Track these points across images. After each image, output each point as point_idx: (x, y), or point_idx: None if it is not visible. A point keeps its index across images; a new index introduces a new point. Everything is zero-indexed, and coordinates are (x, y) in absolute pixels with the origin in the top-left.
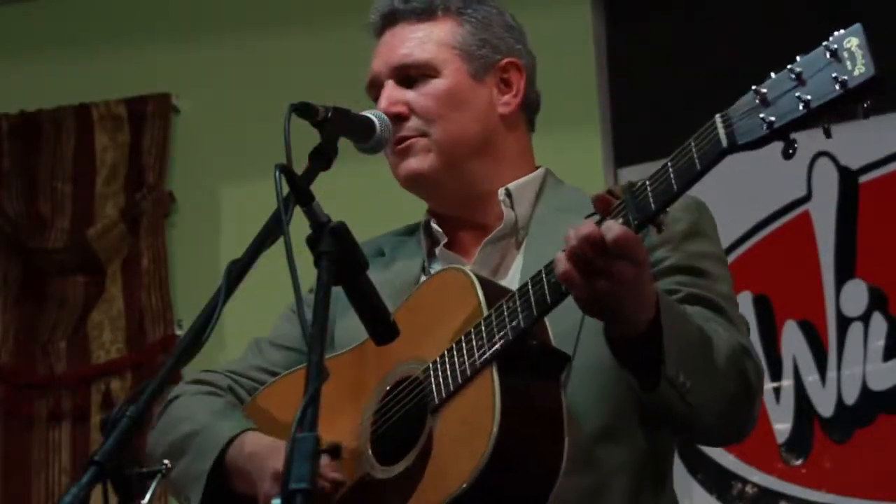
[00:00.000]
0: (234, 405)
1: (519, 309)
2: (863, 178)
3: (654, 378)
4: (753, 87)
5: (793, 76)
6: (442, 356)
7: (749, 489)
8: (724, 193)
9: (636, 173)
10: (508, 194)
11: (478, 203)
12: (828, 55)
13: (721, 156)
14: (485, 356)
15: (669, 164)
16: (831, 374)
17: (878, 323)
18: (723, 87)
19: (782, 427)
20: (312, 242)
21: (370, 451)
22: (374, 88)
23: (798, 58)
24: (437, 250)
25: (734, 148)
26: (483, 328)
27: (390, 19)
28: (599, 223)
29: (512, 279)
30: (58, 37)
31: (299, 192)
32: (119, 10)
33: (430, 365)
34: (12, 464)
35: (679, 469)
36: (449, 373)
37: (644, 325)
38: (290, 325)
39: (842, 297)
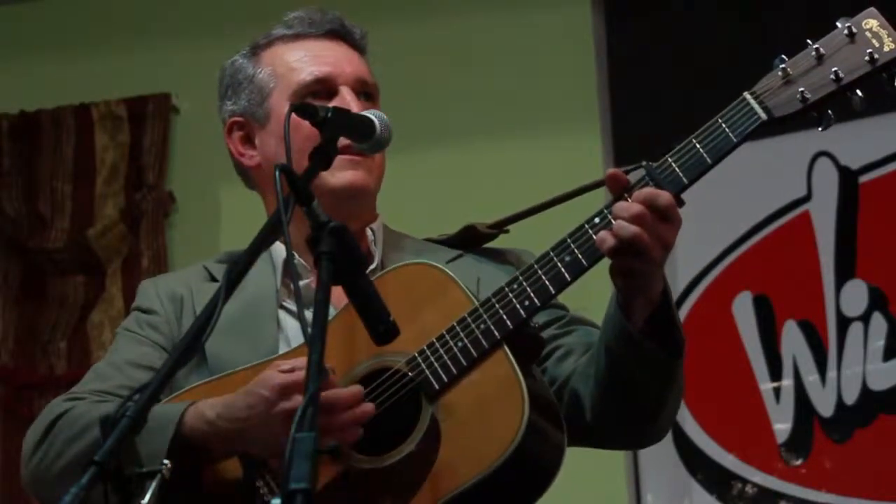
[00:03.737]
0: None
1: (529, 290)
2: (863, 178)
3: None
4: (782, 66)
5: (813, 54)
6: (431, 344)
7: (749, 489)
8: (724, 193)
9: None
10: (373, 233)
11: (358, 238)
12: (845, 35)
13: (757, 128)
14: (494, 338)
15: (695, 140)
16: (831, 374)
17: (878, 323)
18: (723, 87)
19: (782, 427)
20: (312, 242)
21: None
22: (325, 84)
23: (809, 41)
24: (303, 285)
25: (772, 121)
26: (483, 312)
27: (338, 32)
28: (616, 200)
29: None
30: (58, 37)
31: (299, 192)
32: (119, 10)
33: (417, 354)
34: (12, 464)
35: (679, 469)
36: (447, 358)
37: (657, 297)
38: (147, 347)
39: (842, 297)
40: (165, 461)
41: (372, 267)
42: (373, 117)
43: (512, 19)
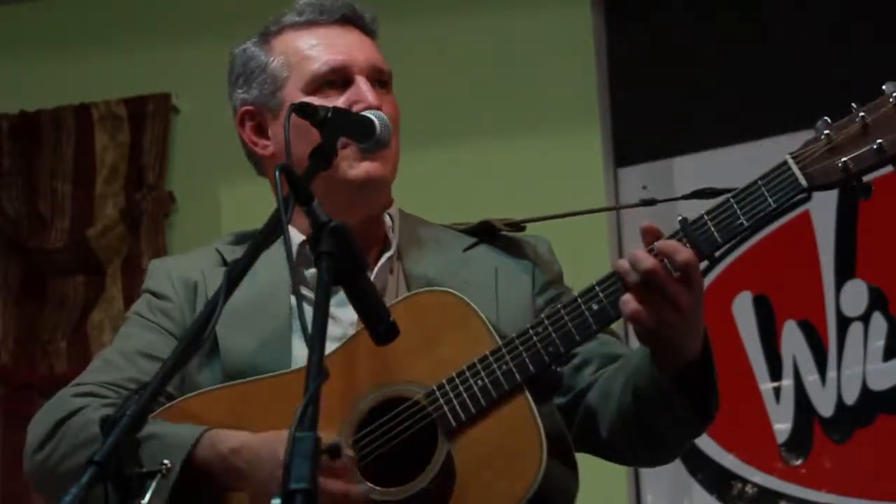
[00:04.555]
0: None
1: (554, 335)
2: (863, 179)
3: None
4: (826, 132)
5: (858, 121)
6: (451, 380)
7: (749, 489)
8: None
9: (636, 173)
10: (391, 219)
11: (375, 223)
12: (892, 105)
13: (797, 195)
14: (515, 380)
15: (733, 200)
16: (831, 374)
17: (878, 323)
18: (723, 87)
19: (782, 427)
20: (313, 242)
21: (358, 475)
22: (339, 74)
23: (854, 105)
24: (311, 274)
25: (812, 188)
26: (506, 353)
27: (349, 18)
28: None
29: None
30: (58, 37)
31: (299, 192)
32: (119, 10)
33: (437, 388)
34: (12, 464)
35: (679, 469)
36: (466, 397)
37: (693, 356)
38: (158, 336)
39: (842, 297)
40: (165, 461)
41: (389, 254)
42: (373, 117)
43: (512, 19)
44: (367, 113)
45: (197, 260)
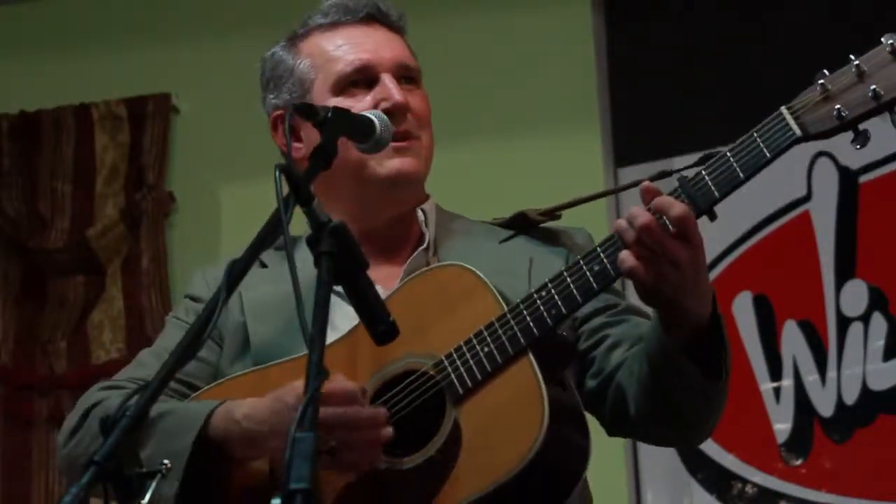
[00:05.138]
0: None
1: (557, 298)
2: (863, 178)
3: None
4: (821, 82)
5: (854, 71)
6: (458, 348)
7: (749, 489)
8: None
9: (636, 173)
10: (424, 214)
11: (408, 219)
12: (888, 52)
13: (791, 145)
14: (520, 345)
15: (729, 154)
16: (831, 374)
17: (878, 323)
18: (723, 87)
19: (782, 427)
20: (312, 242)
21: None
22: (365, 73)
23: (852, 56)
24: None
25: (807, 137)
26: (511, 318)
27: (374, 17)
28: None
29: None
30: (58, 37)
31: (299, 192)
32: (119, 10)
33: (445, 357)
34: (12, 464)
35: (679, 469)
36: (473, 363)
37: (705, 320)
38: None
39: (842, 297)
40: (165, 461)
41: (423, 247)
42: (373, 117)
43: (512, 19)
44: (367, 113)
45: None
